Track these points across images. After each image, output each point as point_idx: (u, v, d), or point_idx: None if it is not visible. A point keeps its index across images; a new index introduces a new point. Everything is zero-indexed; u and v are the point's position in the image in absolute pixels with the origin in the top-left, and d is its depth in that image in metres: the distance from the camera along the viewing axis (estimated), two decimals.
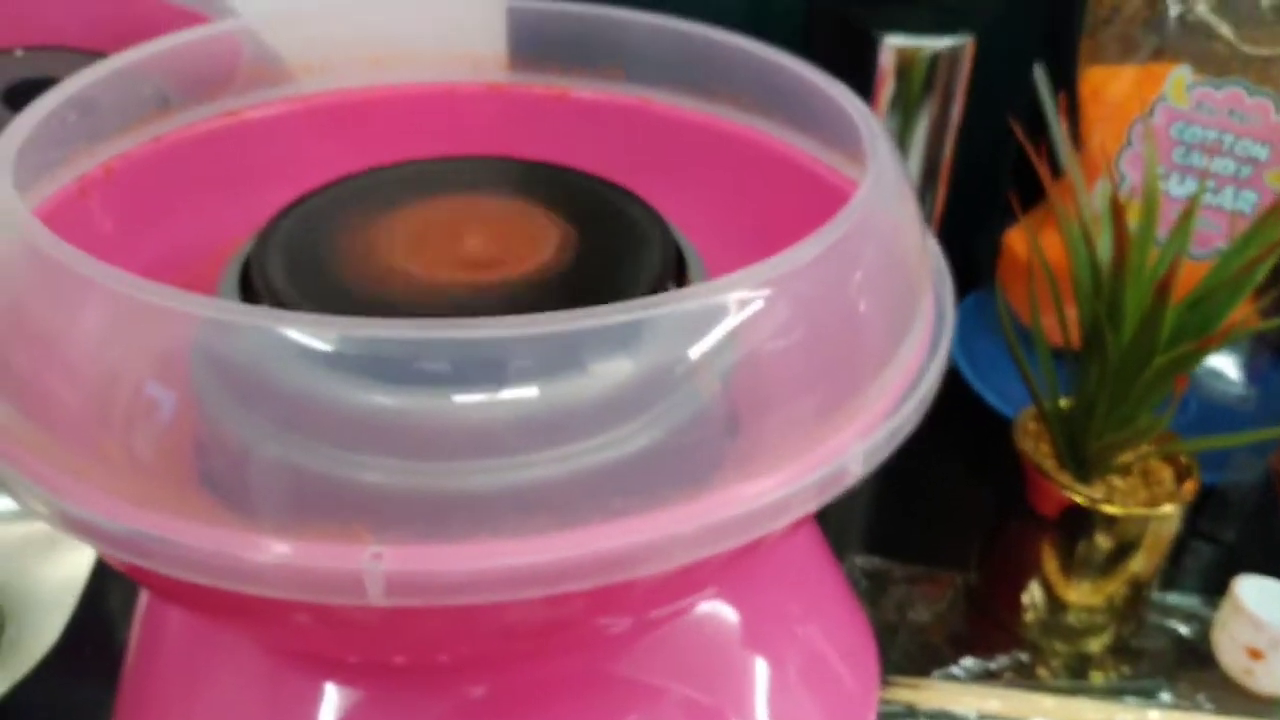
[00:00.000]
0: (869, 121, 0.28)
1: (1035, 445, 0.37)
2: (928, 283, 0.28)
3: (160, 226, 0.34)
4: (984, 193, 0.57)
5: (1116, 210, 0.28)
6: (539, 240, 0.29)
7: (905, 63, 0.41)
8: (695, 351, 0.20)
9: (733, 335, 0.20)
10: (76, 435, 0.19)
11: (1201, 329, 0.30)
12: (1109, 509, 0.34)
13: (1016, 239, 0.50)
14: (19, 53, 0.37)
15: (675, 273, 0.27)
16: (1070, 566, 0.36)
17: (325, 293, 0.24)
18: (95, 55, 0.38)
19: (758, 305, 0.20)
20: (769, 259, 0.21)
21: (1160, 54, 0.45)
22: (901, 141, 0.44)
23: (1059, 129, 0.57)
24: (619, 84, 0.38)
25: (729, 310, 0.20)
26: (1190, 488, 0.35)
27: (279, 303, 0.23)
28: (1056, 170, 0.57)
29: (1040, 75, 0.59)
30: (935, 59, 0.41)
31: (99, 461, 0.19)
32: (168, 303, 0.18)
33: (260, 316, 0.18)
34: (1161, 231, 0.34)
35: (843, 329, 0.23)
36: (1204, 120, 0.43)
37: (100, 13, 0.38)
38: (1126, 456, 0.35)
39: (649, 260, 0.27)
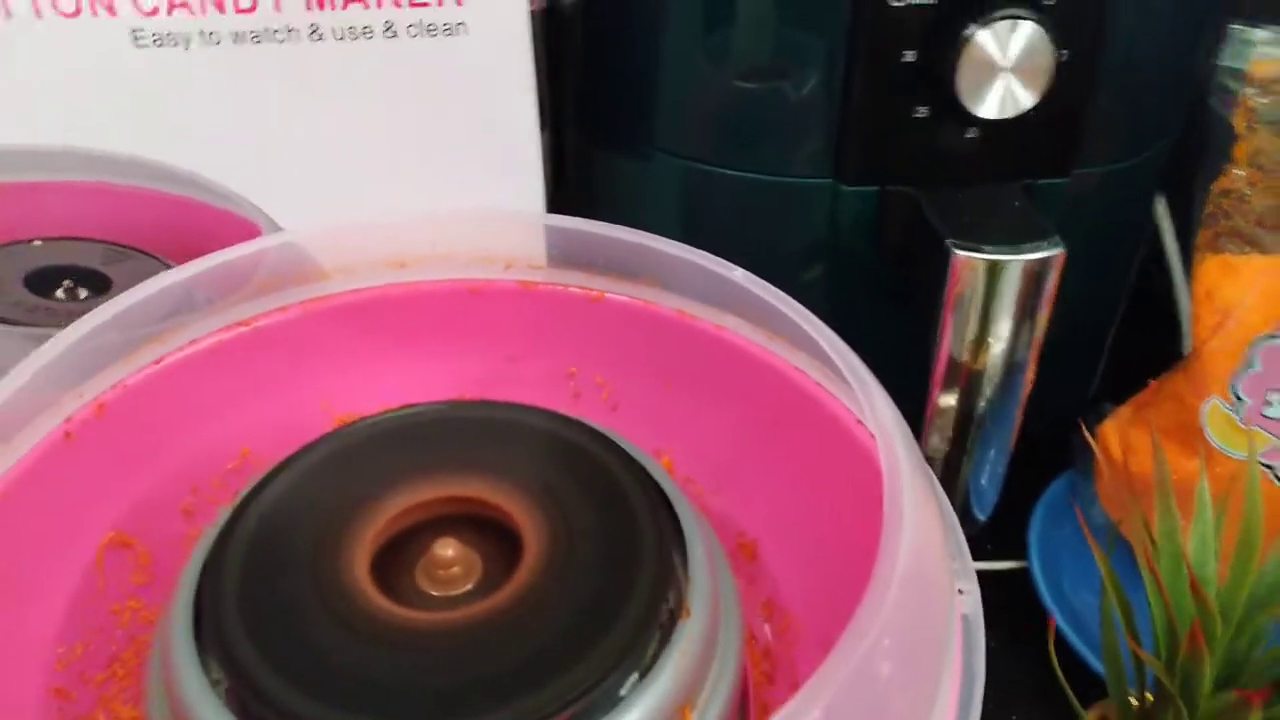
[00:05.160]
0: (892, 457, 0.24)
1: None
2: (954, 637, 0.25)
3: (157, 456, 0.32)
4: (1082, 361, 0.51)
5: (1195, 592, 0.23)
6: (520, 538, 0.27)
7: (987, 274, 0.37)
8: None
9: None
10: None
11: None
12: None
13: (1111, 435, 0.45)
14: (37, 243, 0.36)
15: (679, 565, 0.25)
16: None
17: (280, 643, 0.23)
18: (107, 245, 0.37)
19: None
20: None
21: None
22: (978, 344, 0.39)
23: (1184, 285, 0.50)
24: (657, 292, 0.36)
25: None
26: None
27: (234, 670, 0.22)
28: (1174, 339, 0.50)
29: (1163, 213, 0.52)
30: (1020, 272, 0.36)
31: None
32: None
33: None
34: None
35: None
36: None
37: (113, 207, 0.37)
38: None
39: (642, 579, 0.25)
